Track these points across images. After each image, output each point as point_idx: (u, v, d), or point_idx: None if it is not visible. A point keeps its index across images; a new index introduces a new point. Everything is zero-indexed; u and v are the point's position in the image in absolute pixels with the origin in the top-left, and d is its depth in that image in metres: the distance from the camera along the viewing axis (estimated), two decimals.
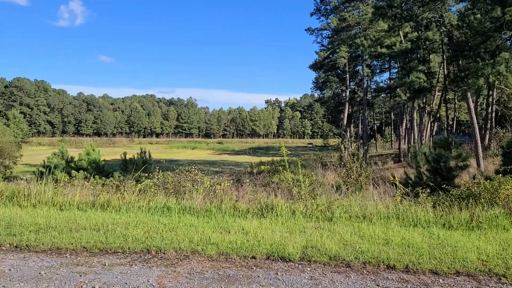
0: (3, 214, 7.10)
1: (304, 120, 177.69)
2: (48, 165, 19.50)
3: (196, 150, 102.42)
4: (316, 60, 52.01)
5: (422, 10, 29.13)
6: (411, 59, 35.29)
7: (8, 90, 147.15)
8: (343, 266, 4.87)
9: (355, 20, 42.58)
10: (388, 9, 31.02)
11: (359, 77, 52.70)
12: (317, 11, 47.51)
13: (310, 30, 49.96)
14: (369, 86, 53.74)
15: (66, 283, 4.14)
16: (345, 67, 47.85)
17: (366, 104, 47.58)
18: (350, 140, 12.88)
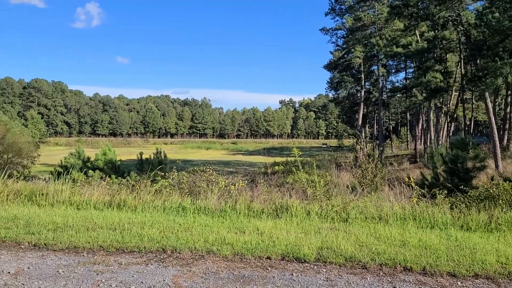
0: (22, 213, 7.22)
1: (319, 121, 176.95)
2: (65, 165, 19.82)
3: (210, 151, 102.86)
4: (330, 60, 51.83)
5: (439, 9, 28.75)
6: (427, 59, 34.87)
7: (27, 91, 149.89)
8: (359, 268, 4.83)
9: (371, 20, 42.25)
10: (404, 8, 30.71)
11: (375, 77, 52.23)
12: (331, 11, 47.30)
13: (325, 30, 49.79)
14: (384, 86, 53.32)
15: (83, 282, 4.19)
16: (360, 67, 47.52)
17: (382, 104, 47.17)
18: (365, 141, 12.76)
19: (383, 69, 49.40)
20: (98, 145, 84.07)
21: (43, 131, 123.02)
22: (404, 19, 34.17)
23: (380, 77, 47.88)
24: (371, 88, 55.16)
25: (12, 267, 4.58)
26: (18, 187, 9.00)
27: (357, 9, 44.11)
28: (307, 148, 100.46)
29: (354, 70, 50.51)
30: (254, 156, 71.49)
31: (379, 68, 46.64)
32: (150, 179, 10.63)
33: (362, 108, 49.97)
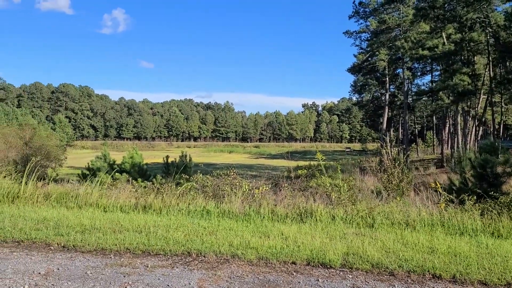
0: (51, 215, 7.39)
1: (342, 124, 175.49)
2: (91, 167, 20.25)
3: (233, 154, 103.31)
4: (354, 63, 51.36)
5: (466, 10, 28.15)
6: (454, 61, 34.15)
7: (55, 96, 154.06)
8: (386, 274, 4.74)
9: (395, 22, 41.71)
10: (430, 10, 30.21)
11: (399, 80, 51.49)
12: (355, 14, 46.95)
13: (349, 33, 49.42)
14: (409, 89, 52.45)
15: (111, 283, 4.25)
16: (385, 70, 46.90)
17: (407, 107, 46.42)
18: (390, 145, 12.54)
19: (408, 72, 48.61)
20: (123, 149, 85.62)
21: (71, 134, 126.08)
22: (430, 21, 33.60)
23: (405, 80, 47.13)
24: (396, 91, 54.38)
25: (43, 268, 4.68)
26: (47, 189, 9.22)
27: (381, 12, 43.65)
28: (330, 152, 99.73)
29: (379, 73, 49.88)
30: (276, 160, 71.38)
31: (404, 71, 45.93)
32: (174, 182, 10.74)
33: (386, 112, 49.27)
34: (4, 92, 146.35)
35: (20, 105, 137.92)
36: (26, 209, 7.87)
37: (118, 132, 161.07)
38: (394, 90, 54.47)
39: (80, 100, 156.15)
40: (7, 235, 6.01)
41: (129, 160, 19.24)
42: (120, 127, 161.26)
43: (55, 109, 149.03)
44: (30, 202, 8.63)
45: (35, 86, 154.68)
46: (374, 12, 44.83)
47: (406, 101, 46.49)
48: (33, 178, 9.50)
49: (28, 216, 7.17)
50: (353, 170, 30.11)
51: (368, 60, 47.34)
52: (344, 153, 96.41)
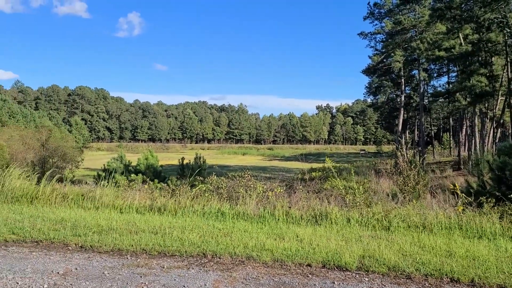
0: (69, 215, 7.49)
1: (357, 126, 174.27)
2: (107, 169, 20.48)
3: (247, 156, 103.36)
4: (369, 65, 50.97)
5: (484, 10, 27.73)
6: (471, 62, 33.66)
7: (71, 98, 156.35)
8: (403, 278, 4.69)
9: (411, 23, 41.29)
10: (446, 10, 29.84)
11: (415, 82, 50.92)
12: (370, 15, 46.63)
13: (363, 35, 49.09)
14: (425, 91, 51.88)
15: (128, 284, 4.29)
16: (400, 71, 46.44)
17: (423, 109, 45.91)
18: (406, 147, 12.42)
19: (424, 74, 48.05)
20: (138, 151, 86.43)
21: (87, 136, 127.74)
22: (446, 21, 33.18)
23: (421, 81, 46.61)
24: (411, 93, 53.83)
25: (61, 268, 4.75)
26: (65, 190, 9.36)
27: (396, 13, 43.28)
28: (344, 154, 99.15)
29: (394, 75, 49.40)
30: (290, 162, 71.19)
31: (420, 72, 45.43)
32: (189, 184, 10.79)
33: (402, 114, 48.76)
34: (22, 95, 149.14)
35: (37, 107, 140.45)
36: (44, 210, 8.00)
37: (133, 134, 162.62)
38: (410, 92, 53.89)
39: (96, 103, 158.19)
40: (26, 235, 6.12)
41: (144, 161, 19.43)
42: (135, 129, 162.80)
43: (71, 112, 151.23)
44: (48, 203, 8.78)
45: (52, 88, 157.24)
46: (389, 13, 44.46)
47: (422, 102, 45.94)
48: (50, 179, 9.66)
49: (46, 217, 7.29)
50: (368, 173, 29.88)
51: (383, 61, 46.95)
52: (359, 155, 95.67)
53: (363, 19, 47.84)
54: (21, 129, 55.68)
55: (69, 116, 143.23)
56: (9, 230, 6.33)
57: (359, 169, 34.47)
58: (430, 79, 53.84)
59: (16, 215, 7.43)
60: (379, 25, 47.59)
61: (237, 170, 14.15)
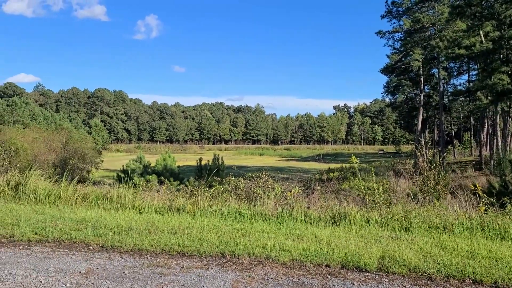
0: (90, 215, 7.62)
1: (375, 126, 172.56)
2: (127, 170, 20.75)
3: (264, 157, 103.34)
4: (387, 64, 50.34)
5: (505, 7, 27.14)
6: (493, 60, 32.94)
7: (91, 100, 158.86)
8: (424, 279, 4.62)
9: (430, 21, 40.67)
10: (466, 7, 29.31)
11: (435, 80, 50.13)
12: (388, 14, 46.11)
13: (381, 33, 48.54)
14: (445, 90, 51.04)
15: (148, 283, 4.34)
16: (419, 70, 45.73)
17: (443, 108, 45.17)
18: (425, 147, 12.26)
19: (444, 72, 47.27)
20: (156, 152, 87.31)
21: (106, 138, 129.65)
22: (466, 19, 32.60)
23: (441, 80, 45.88)
24: (431, 91, 52.99)
25: (83, 267, 4.83)
26: (86, 191, 9.51)
27: (415, 11, 42.68)
28: (362, 154, 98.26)
29: (413, 74, 48.67)
30: (308, 163, 70.90)
31: (439, 71, 44.72)
32: (207, 184, 10.86)
33: (421, 113, 48.04)
34: (44, 98, 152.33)
35: (58, 110, 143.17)
36: (66, 210, 8.15)
37: (151, 135, 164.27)
38: (429, 91, 53.04)
39: (115, 104, 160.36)
40: (49, 235, 6.24)
41: (162, 162, 19.62)
42: (153, 131, 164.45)
43: (91, 114, 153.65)
44: (70, 203, 8.94)
45: (72, 91, 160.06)
46: (407, 11, 43.87)
47: (442, 101, 45.21)
48: (71, 180, 9.83)
49: (68, 217, 7.42)
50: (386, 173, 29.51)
51: (402, 60, 46.29)
52: (377, 155, 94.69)
53: (381, 17, 47.38)
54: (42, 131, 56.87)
55: (89, 118, 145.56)
56: (32, 230, 6.47)
57: (377, 169, 34.07)
58: (450, 77, 52.97)
59: (38, 215, 7.58)
60: (397, 24, 47.02)
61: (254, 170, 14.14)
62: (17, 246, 5.77)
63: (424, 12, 42.05)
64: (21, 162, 23.91)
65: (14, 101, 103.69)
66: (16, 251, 5.53)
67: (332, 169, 40.56)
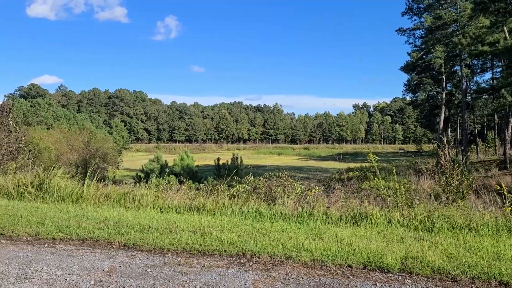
0: (112, 214, 7.72)
1: (395, 125, 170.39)
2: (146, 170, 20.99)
3: (282, 156, 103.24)
4: (408, 62, 49.59)
5: None
6: None
7: (111, 101, 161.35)
8: (448, 280, 4.53)
9: (452, 18, 39.88)
10: (490, 3, 28.63)
11: (457, 78, 49.16)
12: (409, 11, 45.44)
13: (401, 31, 47.88)
14: (468, 87, 49.95)
15: (170, 282, 4.38)
16: (441, 67, 44.89)
17: (465, 106, 44.27)
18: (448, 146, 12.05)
19: (466, 69, 46.28)
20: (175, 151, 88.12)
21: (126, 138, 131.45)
22: (490, 15, 31.86)
23: (464, 77, 44.95)
24: (453, 89, 51.97)
25: (106, 265, 4.90)
26: (107, 190, 9.65)
27: (436, 7, 41.92)
28: (382, 154, 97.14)
29: (434, 71, 47.80)
30: (326, 162, 70.46)
31: (462, 68, 43.84)
32: (226, 184, 10.89)
33: (443, 111, 47.17)
34: (66, 99, 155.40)
35: (80, 110, 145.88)
36: (88, 209, 8.28)
37: (171, 135, 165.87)
38: (452, 89, 52.01)
39: (135, 105, 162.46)
40: (73, 233, 6.35)
41: (180, 162, 19.79)
42: (172, 130, 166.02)
43: (111, 114, 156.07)
44: (92, 202, 9.08)
45: (93, 92, 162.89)
46: (428, 8, 43.11)
47: (464, 99, 44.31)
48: (93, 180, 9.98)
49: (90, 216, 7.54)
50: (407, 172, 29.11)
51: (423, 57, 45.49)
52: (398, 154, 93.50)
53: (401, 15, 46.66)
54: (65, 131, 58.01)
55: (109, 118, 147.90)
56: (57, 228, 6.60)
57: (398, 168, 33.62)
58: (473, 75, 51.82)
59: (62, 214, 7.73)
60: (418, 21, 46.27)
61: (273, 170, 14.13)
62: (42, 244, 5.89)
63: (446, 9, 41.28)
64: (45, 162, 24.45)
65: (37, 102, 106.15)
66: (41, 248, 5.65)
67: (351, 168, 40.23)
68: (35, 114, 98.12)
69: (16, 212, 7.82)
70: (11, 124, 14.15)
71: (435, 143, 39.46)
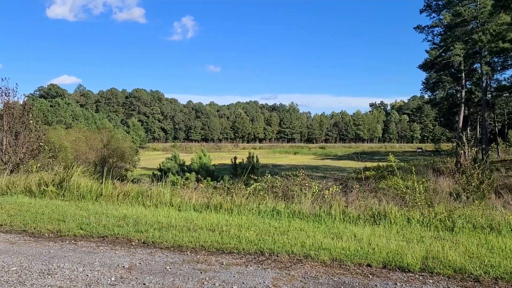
0: (131, 212, 7.81)
1: (413, 124, 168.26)
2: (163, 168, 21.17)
3: (298, 155, 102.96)
4: (426, 60, 48.84)
5: None
6: None
7: (128, 100, 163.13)
8: (470, 281, 4.45)
9: (472, 14, 39.17)
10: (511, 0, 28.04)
11: (477, 76, 48.26)
12: (427, 8, 44.79)
13: (420, 28, 47.18)
14: (488, 85, 48.99)
15: (189, 279, 4.40)
16: (460, 65, 44.12)
17: (486, 105, 43.45)
18: (468, 145, 11.86)
19: (487, 67, 45.37)
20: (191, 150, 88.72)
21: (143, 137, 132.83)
22: (510, 11, 31.19)
23: (484, 75, 44.09)
24: (473, 87, 51.06)
25: (126, 262, 4.96)
26: (126, 188, 9.77)
27: (456, 4, 41.21)
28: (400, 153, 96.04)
29: (453, 69, 46.99)
30: (343, 161, 69.99)
31: (482, 66, 43.01)
32: (243, 182, 10.91)
33: (463, 110, 46.38)
34: (84, 98, 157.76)
35: (98, 110, 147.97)
36: (108, 207, 8.40)
37: (187, 134, 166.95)
38: (471, 87, 51.11)
39: (152, 104, 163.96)
40: (93, 230, 6.45)
41: (198, 161, 19.90)
42: (188, 130, 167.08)
43: (129, 113, 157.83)
44: (111, 200, 9.20)
45: (111, 92, 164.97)
46: (447, 4, 42.40)
47: (484, 97, 43.49)
48: (112, 178, 10.11)
49: (110, 213, 7.64)
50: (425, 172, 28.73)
51: (442, 55, 44.75)
52: (415, 153, 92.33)
53: (420, 12, 46.05)
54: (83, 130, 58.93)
55: (127, 117, 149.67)
56: (78, 225, 6.71)
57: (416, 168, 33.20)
58: (493, 72, 50.77)
59: (82, 211, 7.86)
60: (437, 18, 45.57)
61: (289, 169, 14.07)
62: (63, 241, 6.00)
63: (466, 5, 40.55)
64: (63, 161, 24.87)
65: (57, 102, 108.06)
66: (63, 245, 5.75)
67: (368, 167, 39.87)
68: (55, 113, 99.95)
69: (38, 209, 7.98)
70: (32, 123, 14.40)
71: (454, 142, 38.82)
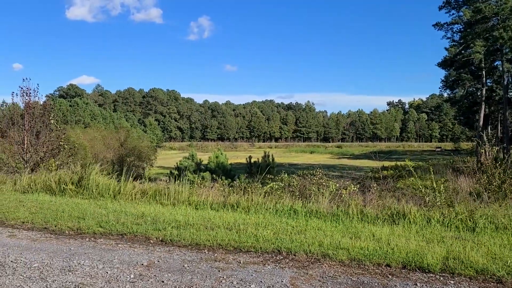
0: (149, 210, 7.88)
1: (431, 122, 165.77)
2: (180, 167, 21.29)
3: (314, 154, 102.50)
4: (445, 57, 48.01)
5: None
6: None
7: (145, 100, 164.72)
8: (493, 282, 4.36)
9: (492, 11, 38.31)
10: None
11: (498, 73, 47.20)
12: (446, 4, 44.02)
13: (439, 25, 46.37)
14: (510, 83, 47.90)
15: (207, 277, 4.42)
16: (481, 63, 43.22)
17: (507, 103, 42.48)
18: (489, 143, 11.63)
19: (508, 64, 44.33)
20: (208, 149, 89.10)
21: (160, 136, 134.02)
22: None
23: (505, 73, 43.10)
24: (493, 85, 49.96)
25: (145, 260, 5.01)
26: (143, 187, 9.86)
27: (476, 1, 40.38)
28: (418, 152, 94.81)
29: (473, 67, 46.08)
30: (360, 160, 69.42)
31: (503, 63, 42.06)
32: (260, 181, 10.89)
33: (483, 108, 45.46)
34: (102, 98, 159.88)
35: (115, 109, 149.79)
36: (126, 205, 8.49)
37: (203, 133, 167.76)
38: (492, 84, 50.01)
39: (168, 104, 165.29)
40: (112, 228, 6.52)
41: (215, 160, 19.94)
42: (204, 129, 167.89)
43: (145, 113, 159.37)
44: (129, 198, 9.30)
45: (128, 91, 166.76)
46: (467, 1, 41.54)
47: (506, 95, 42.53)
48: (129, 177, 10.21)
49: (128, 212, 7.72)
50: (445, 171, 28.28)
51: (462, 53, 43.90)
52: (434, 152, 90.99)
53: (439, 9, 45.23)
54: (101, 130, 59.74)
55: (144, 117, 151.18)
56: (97, 223, 6.79)
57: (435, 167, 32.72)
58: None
59: (101, 209, 7.96)
60: (456, 15, 44.70)
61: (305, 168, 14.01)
62: (83, 238, 6.08)
63: (486, 2, 39.71)
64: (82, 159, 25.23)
65: (76, 101, 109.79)
66: (83, 243, 5.83)
67: (385, 167, 39.44)
68: (74, 113, 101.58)
69: (58, 207, 8.11)
70: (52, 123, 14.66)
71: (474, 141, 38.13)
